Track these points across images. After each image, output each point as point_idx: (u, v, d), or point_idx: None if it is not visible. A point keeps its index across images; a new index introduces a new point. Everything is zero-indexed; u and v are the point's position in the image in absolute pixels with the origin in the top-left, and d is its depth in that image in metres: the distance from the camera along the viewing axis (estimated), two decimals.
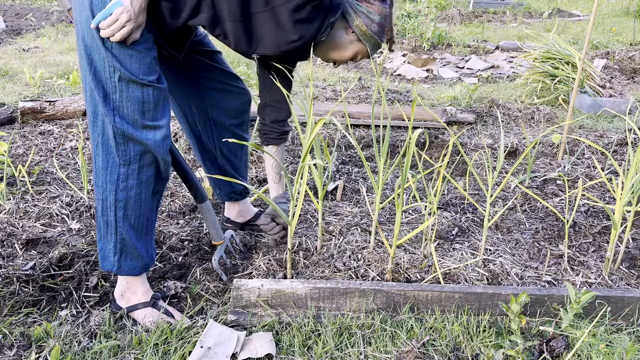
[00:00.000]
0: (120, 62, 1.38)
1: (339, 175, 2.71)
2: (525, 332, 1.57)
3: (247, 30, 1.48)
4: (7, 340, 1.48)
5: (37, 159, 2.81)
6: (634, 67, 5.19)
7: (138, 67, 1.40)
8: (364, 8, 1.55)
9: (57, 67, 4.79)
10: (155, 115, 1.47)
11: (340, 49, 1.61)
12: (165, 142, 1.50)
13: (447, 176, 1.85)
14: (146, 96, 1.43)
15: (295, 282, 1.59)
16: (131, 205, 1.52)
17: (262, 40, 1.50)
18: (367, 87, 4.46)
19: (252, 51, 1.54)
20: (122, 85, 1.40)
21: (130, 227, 1.54)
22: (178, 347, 1.46)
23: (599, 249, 2.01)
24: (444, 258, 1.88)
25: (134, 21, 1.35)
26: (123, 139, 1.44)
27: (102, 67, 1.39)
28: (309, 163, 1.58)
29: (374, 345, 1.48)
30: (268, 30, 1.47)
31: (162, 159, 1.51)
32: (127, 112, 1.43)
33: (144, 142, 1.45)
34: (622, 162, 2.89)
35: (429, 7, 7.31)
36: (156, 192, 1.59)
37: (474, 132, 3.44)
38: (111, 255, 1.56)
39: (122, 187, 1.49)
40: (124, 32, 1.34)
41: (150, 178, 1.52)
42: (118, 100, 1.41)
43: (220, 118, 1.87)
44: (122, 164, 1.47)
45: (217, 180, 2.01)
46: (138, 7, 1.35)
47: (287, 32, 1.47)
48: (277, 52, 1.52)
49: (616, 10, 9.32)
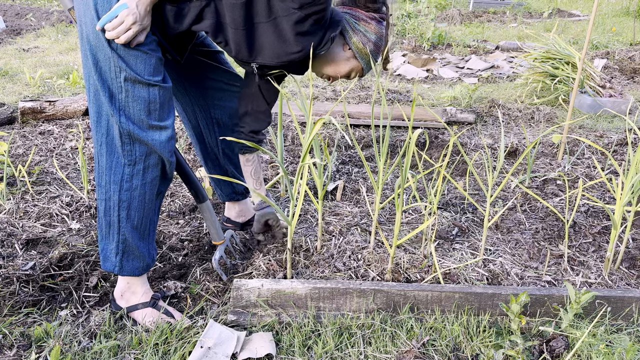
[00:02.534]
0: (125, 62, 1.39)
1: (339, 175, 2.71)
2: (525, 332, 1.57)
3: (249, 39, 1.49)
4: (7, 340, 1.48)
5: (37, 159, 2.81)
6: (634, 67, 5.19)
7: (144, 68, 1.41)
8: (361, 27, 1.59)
9: (57, 67, 4.79)
10: (162, 114, 1.47)
11: (337, 64, 1.63)
12: (170, 142, 1.50)
13: (447, 176, 1.85)
14: (152, 96, 1.43)
15: (295, 282, 1.59)
16: (135, 205, 1.52)
17: (263, 50, 1.51)
18: (367, 87, 4.46)
19: (252, 60, 1.55)
20: (128, 85, 1.40)
21: (132, 227, 1.54)
22: (178, 347, 1.46)
23: (599, 249, 2.01)
24: (444, 258, 1.88)
25: (140, 24, 1.35)
26: (129, 138, 1.45)
27: (107, 68, 1.40)
28: (308, 163, 1.58)
29: (374, 345, 1.48)
30: (269, 40, 1.48)
31: (167, 160, 1.52)
32: (134, 112, 1.43)
33: (149, 143, 1.45)
34: (622, 162, 2.89)
35: (429, 7, 7.31)
36: (160, 193, 1.59)
37: (474, 132, 3.44)
38: (113, 256, 1.56)
39: (126, 187, 1.49)
40: (129, 34, 1.35)
41: (155, 179, 1.53)
42: (124, 100, 1.42)
43: (223, 118, 1.88)
44: (127, 164, 1.48)
45: (218, 180, 2.02)
46: (144, 9, 1.36)
47: (289, 43, 1.48)
48: (276, 62, 1.53)
49: (616, 10, 9.32)
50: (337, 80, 1.71)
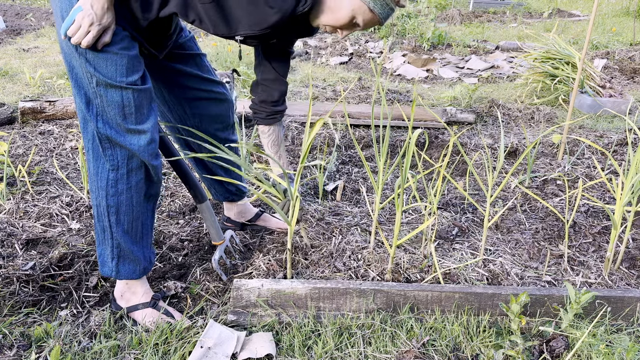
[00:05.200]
0: (95, 67, 1.35)
1: (339, 175, 2.71)
2: (525, 332, 1.57)
3: (221, 11, 1.41)
4: (7, 340, 1.48)
5: (37, 159, 2.81)
6: (634, 67, 5.19)
7: (115, 70, 1.36)
8: None
9: (57, 67, 4.79)
10: (139, 118, 1.43)
11: (333, 10, 1.43)
12: (150, 146, 1.47)
13: (447, 176, 1.85)
14: (126, 100, 1.39)
15: (295, 282, 1.59)
16: (123, 210, 1.51)
17: (241, 21, 1.42)
18: (367, 87, 4.46)
19: (233, 33, 1.46)
20: (101, 89, 1.37)
21: (124, 232, 1.53)
22: (178, 347, 1.46)
23: (599, 249, 2.01)
24: (444, 258, 1.88)
25: (98, 24, 1.29)
26: (109, 143, 1.43)
27: (82, 74, 1.38)
28: (307, 164, 1.58)
29: (374, 346, 1.48)
30: (242, 9, 1.39)
31: (149, 164, 1.48)
32: (110, 116, 1.41)
33: (127, 147, 1.43)
34: (622, 162, 2.89)
35: (429, 7, 7.30)
36: (150, 196, 1.57)
37: (474, 132, 3.44)
38: (109, 261, 1.56)
39: (112, 192, 1.48)
40: (89, 37, 1.29)
41: (140, 182, 1.51)
42: (100, 105, 1.39)
43: (202, 124, 1.81)
44: (110, 169, 1.46)
45: (211, 182, 2.00)
46: (99, 8, 1.29)
47: (262, 9, 1.38)
48: (259, 30, 1.43)
49: (616, 10, 9.32)
50: (347, 31, 1.49)
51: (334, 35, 6.81)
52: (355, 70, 5.34)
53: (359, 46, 6.34)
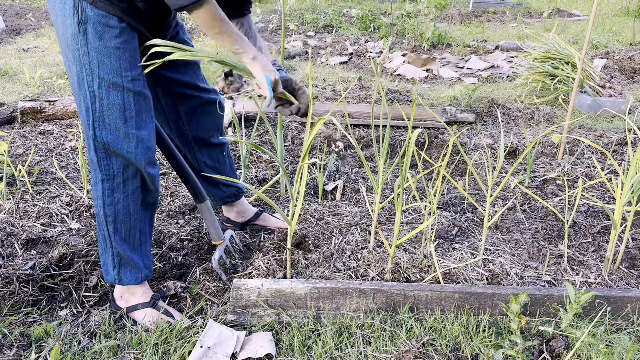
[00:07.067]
0: (99, 65, 1.36)
1: (339, 175, 2.71)
2: (525, 332, 1.57)
3: None
4: (7, 340, 1.48)
5: (37, 159, 2.80)
6: (634, 67, 5.19)
7: (119, 65, 1.38)
8: None
9: (57, 67, 4.79)
10: (139, 123, 1.45)
11: None
12: (148, 154, 1.48)
13: (447, 176, 1.85)
14: (127, 103, 1.41)
15: (295, 282, 1.59)
16: (120, 219, 1.53)
17: None
18: (367, 87, 4.46)
19: None
20: (103, 92, 1.38)
21: (122, 240, 1.55)
22: (178, 347, 1.46)
23: (599, 249, 2.01)
24: (444, 258, 1.88)
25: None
26: (105, 152, 1.44)
27: (83, 78, 1.39)
28: (308, 163, 1.58)
29: (374, 346, 1.48)
30: None
31: (145, 172, 1.50)
32: (110, 121, 1.41)
33: (124, 155, 1.44)
34: (622, 162, 2.89)
35: (429, 7, 7.30)
36: (147, 205, 1.59)
37: (474, 132, 3.44)
38: (111, 269, 1.59)
39: (108, 202, 1.50)
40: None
41: (137, 190, 1.53)
42: (99, 110, 1.40)
43: (198, 134, 1.83)
44: (105, 179, 1.48)
45: (209, 188, 1.99)
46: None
47: None
48: None
49: (616, 10, 9.32)
50: None
51: (334, 35, 6.82)
52: (355, 70, 5.33)
53: (359, 46, 6.34)
